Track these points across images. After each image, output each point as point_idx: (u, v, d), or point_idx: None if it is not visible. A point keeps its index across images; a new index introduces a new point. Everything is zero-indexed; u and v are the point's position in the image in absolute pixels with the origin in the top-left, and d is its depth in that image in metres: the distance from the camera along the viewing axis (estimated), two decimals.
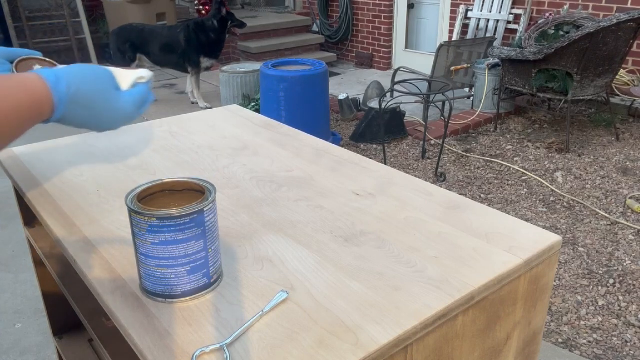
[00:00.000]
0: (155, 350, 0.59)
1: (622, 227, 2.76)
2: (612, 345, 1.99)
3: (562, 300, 2.24)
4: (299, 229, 0.83)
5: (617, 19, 3.27)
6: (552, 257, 0.80)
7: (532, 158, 3.64)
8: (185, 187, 0.71)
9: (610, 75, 3.67)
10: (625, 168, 3.44)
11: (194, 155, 1.11)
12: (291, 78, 3.40)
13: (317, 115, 3.57)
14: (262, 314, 0.64)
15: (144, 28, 4.71)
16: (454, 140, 3.99)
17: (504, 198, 3.13)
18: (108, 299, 0.68)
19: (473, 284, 0.69)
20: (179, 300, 0.67)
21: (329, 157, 1.10)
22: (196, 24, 4.64)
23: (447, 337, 0.68)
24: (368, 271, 0.73)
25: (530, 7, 4.81)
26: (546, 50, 3.51)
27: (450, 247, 0.78)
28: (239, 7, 7.55)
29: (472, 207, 0.90)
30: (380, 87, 4.52)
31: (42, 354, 1.96)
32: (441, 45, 4.32)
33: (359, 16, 6.29)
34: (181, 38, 4.57)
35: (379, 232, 0.82)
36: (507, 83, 4.00)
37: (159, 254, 0.65)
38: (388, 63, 6.19)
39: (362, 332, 0.61)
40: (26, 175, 1.03)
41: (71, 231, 0.84)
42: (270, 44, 6.15)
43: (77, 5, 5.95)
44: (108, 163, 1.08)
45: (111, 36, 4.78)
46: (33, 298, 2.26)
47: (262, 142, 1.19)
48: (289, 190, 0.96)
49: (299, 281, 0.71)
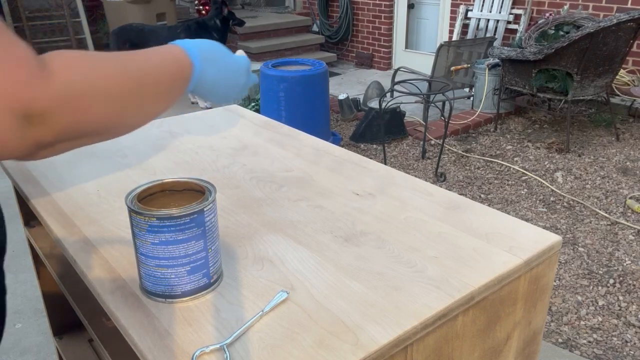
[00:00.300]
0: (155, 350, 0.59)
1: (622, 227, 2.76)
2: (612, 345, 1.99)
3: (562, 300, 2.24)
4: (299, 229, 0.83)
5: (617, 19, 3.27)
6: (552, 257, 0.80)
7: (532, 158, 3.64)
8: (185, 187, 0.71)
9: (610, 75, 3.67)
10: (625, 168, 3.44)
11: (194, 155, 1.11)
12: (291, 78, 3.40)
13: (317, 115, 3.57)
14: (262, 314, 0.64)
15: (143, 28, 4.71)
16: (454, 140, 3.99)
17: (504, 198, 3.13)
18: (108, 299, 0.68)
19: (473, 284, 0.69)
20: (179, 300, 0.67)
21: (329, 157, 1.10)
22: (197, 24, 4.64)
23: (447, 337, 0.68)
24: (368, 271, 0.73)
25: (530, 7, 4.81)
26: (546, 50, 3.51)
27: (450, 247, 0.78)
28: (239, 7, 7.55)
29: (472, 207, 0.90)
30: (380, 87, 4.52)
31: (42, 354, 1.97)
32: (441, 45, 4.32)
33: (359, 16, 6.29)
34: (182, 38, 4.57)
35: (379, 232, 0.82)
36: (507, 83, 4.00)
37: (159, 254, 0.65)
38: (388, 63, 6.19)
39: (362, 332, 0.61)
40: (26, 175, 1.03)
41: (71, 231, 0.84)
42: (270, 44, 6.15)
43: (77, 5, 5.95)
44: (108, 163, 1.08)
45: (111, 36, 4.79)
46: (33, 298, 2.27)
47: (262, 142, 1.19)
48: (289, 190, 0.96)
49: (299, 281, 0.71)
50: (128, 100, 0.57)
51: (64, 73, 0.49)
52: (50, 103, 0.47)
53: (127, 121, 0.59)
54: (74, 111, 0.50)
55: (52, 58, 0.49)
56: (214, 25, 4.60)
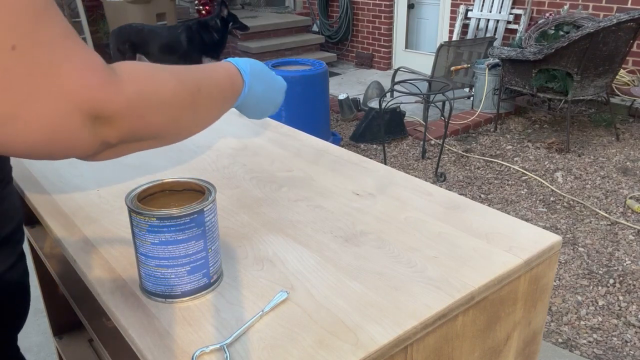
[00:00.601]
0: (155, 350, 0.59)
1: (622, 227, 2.76)
2: (612, 345, 1.99)
3: (562, 300, 2.24)
4: (299, 229, 0.83)
5: (617, 19, 3.27)
6: (552, 257, 0.80)
7: (532, 158, 3.64)
8: (185, 187, 0.71)
9: (610, 75, 3.67)
10: (625, 168, 3.44)
11: (194, 155, 1.11)
12: (291, 78, 3.40)
13: (317, 115, 3.57)
14: (262, 314, 0.64)
15: (143, 28, 4.71)
16: (454, 140, 3.99)
17: (504, 198, 3.13)
18: (108, 299, 0.68)
19: (473, 284, 0.69)
20: (179, 300, 0.67)
21: (329, 157, 1.10)
22: (199, 24, 4.64)
23: (447, 337, 0.68)
24: (368, 271, 0.73)
25: (530, 7, 4.81)
26: (546, 50, 3.51)
27: (450, 247, 0.78)
28: (239, 7, 7.55)
29: (472, 207, 0.90)
30: (380, 87, 4.52)
31: (42, 354, 1.96)
32: (441, 45, 4.32)
33: (359, 16, 6.29)
34: (183, 38, 4.57)
35: (379, 232, 0.82)
36: (507, 83, 4.00)
37: (159, 254, 0.65)
38: (388, 63, 6.19)
39: (362, 332, 0.61)
40: (26, 175, 1.03)
41: (71, 231, 0.84)
42: (270, 44, 6.15)
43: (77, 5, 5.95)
44: (108, 163, 1.08)
45: (111, 36, 4.79)
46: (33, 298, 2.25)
47: (262, 142, 1.19)
48: (289, 190, 0.96)
49: (299, 281, 0.71)
50: (184, 110, 0.62)
51: (133, 82, 0.54)
52: (120, 107, 0.52)
53: (182, 129, 0.64)
54: (139, 117, 0.55)
55: (121, 67, 0.55)
56: (215, 25, 4.60)
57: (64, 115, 0.49)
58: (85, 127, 0.50)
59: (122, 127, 0.53)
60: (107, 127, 0.52)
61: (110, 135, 0.53)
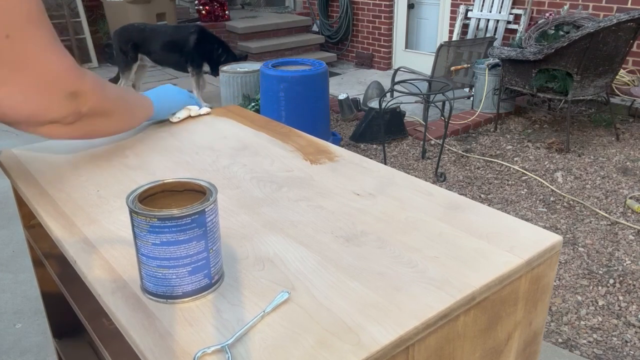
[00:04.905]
0: (156, 351, 0.59)
1: (622, 227, 2.76)
2: (612, 345, 1.99)
3: (562, 300, 2.24)
4: (300, 229, 0.83)
5: (617, 19, 3.27)
6: (553, 257, 0.80)
7: (532, 158, 3.64)
8: (186, 188, 0.71)
9: (610, 75, 3.68)
10: (625, 168, 3.45)
11: (194, 155, 1.11)
12: (291, 78, 3.40)
13: (317, 115, 3.56)
14: (263, 315, 0.64)
15: (145, 27, 4.71)
16: (454, 140, 3.99)
17: (504, 198, 3.13)
18: (108, 299, 0.68)
19: (474, 284, 0.69)
20: (180, 300, 0.67)
21: (329, 157, 1.10)
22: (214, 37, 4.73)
23: (449, 337, 0.68)
24: (369, 271, 0.73)
25: (530, 7, 4.81)
26: (546, 50, 3.51)
27: (450, 247, 0.78)
28: (239, 7, 7.55)
29: (472, 207, 0.90)
30: (380, 87, 4.52)
31: (42, 354, 1.96)
32: (441, 45, 4.32)
33: (359, 16, 6.29)
34: (192, 39, 4.56)
35: (380, 232, 0.82)
36: (507, 83, 4.00)
37: (160, 255, 0.64)
38: (388, 63, 6.19)
39: (364, 333, 0.61)
40: (26, 175, 1.03)
41: (71, 231, 0.84)
42: (270, 44, 6.15)
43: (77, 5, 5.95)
44: (108, 163, 1.08)
45: (113, 36, 4.78)
46: (33, 298, 2.26)
47: (262, 142, 1.19)
48: (289, 190, 0.96)
49: (299, 281, 0.71)
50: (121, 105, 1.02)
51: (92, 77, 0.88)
52: (87, 88, 0.86)
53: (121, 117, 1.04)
54: (97, 98, 0.89)
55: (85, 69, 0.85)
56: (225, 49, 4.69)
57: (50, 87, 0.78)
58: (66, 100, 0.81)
59: (88, 100, 0.86)
60: (79, 99, 0.84)
61: (81, 104, 0.85)
